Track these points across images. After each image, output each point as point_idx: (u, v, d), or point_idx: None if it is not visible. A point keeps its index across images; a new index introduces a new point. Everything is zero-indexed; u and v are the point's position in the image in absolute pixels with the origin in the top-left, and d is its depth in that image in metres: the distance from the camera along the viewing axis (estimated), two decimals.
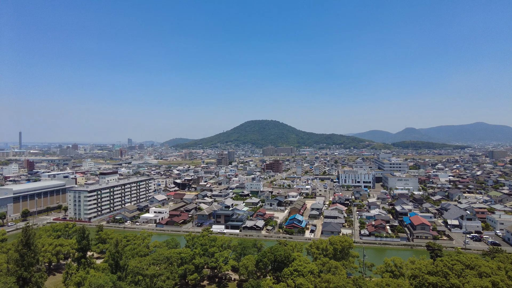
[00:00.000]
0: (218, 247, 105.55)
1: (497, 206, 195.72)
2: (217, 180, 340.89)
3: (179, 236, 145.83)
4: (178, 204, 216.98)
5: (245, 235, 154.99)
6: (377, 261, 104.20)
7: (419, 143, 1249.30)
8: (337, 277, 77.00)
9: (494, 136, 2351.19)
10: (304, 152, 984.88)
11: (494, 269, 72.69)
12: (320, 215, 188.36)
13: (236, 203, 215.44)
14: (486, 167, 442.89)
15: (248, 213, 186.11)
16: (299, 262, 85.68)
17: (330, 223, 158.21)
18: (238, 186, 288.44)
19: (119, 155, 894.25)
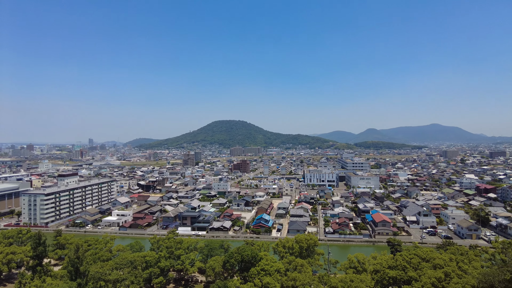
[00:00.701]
0: (184, 249, 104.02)
1: (449, 202, 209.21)
2: (183, 181, 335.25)
3: (143, 239, 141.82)
4: (142, 207, 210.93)
5: (212, 236, 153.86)
6: (341, 258, 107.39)
7: (380, 144, 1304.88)
8: (303, 275, 78.57)
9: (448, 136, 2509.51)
10: (271, 152, 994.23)
11: (447, 261, 77.69)
12: (287, 214, 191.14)
13: (203, 204, 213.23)
14: (441, 166, 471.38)
15: (215, 214, 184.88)
16: (266, 261, 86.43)
17: (296, 221, 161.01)
18: (205, 187, 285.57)
19: (80, 156, 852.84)
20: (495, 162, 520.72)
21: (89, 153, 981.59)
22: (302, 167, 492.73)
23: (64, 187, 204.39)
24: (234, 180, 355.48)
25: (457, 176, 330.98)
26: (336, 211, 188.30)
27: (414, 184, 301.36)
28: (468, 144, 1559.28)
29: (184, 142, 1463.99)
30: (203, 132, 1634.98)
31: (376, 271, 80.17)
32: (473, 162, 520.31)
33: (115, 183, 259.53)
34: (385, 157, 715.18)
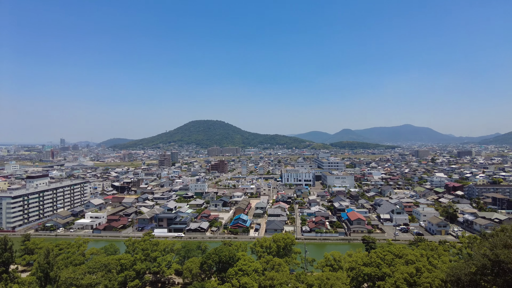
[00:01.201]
0: (161, 251, 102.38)
1: (421, 200, 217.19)
2: (159, 182, 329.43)
3: (118, 242, 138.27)
4: (117, 208, 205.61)
5: (189, 238, 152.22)
6: (318, 256, 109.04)
7: (355, 144, 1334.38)
8: (280, 274, 79.21)
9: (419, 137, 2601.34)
10: (249, 152, 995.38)
11: (418, 256, 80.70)
12: (264, 214, 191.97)
13: (180, 206, 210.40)
14: (413, 165, 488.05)
15: (192, 215, 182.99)
16: (243, 261, 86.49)
17: (274, 221, 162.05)
18: (182, 188, 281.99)
19: (50, 156, 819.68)
20: (462, 161, 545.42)
21: (60, 154, 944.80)
22: (279, 167, 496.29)
23: (34, 189, 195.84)
24: (211, 181, 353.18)
25: (428, 175, 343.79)
26: (312, 210, 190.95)
27: (388, 183, 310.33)
28: (438, 144, 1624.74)
29: (160, 142, 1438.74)
30: (180, 132, 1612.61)
31: (351, 268, 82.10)
32: (442, 162, 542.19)
33: (88, 185, 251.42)
34: (360, 157, 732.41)
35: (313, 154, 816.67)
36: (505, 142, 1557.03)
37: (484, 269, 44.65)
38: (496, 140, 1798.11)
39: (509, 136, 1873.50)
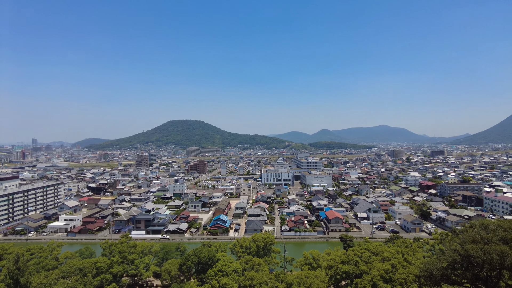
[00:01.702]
0: (138, 253, 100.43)
1: (396, 198, 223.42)
2: (136, 183, 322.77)
3: (94, 245, 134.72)
4: (93, 210, 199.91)
5: (167, 239, 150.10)
6: (297, 255, 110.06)
7: (332, 144, 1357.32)
8: (260, 273, 79.43)
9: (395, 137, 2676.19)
10: (229, 153, 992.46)
11: (394, 254, 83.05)
12: (244, 214, 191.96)
13: (158, 207, 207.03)
14: (388, 164, 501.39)
15: (171, 217, 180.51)
16: (223, 262, 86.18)
17: (253, 221, 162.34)
18: (160, 189, 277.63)
19: (21, 157, 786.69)
20: (435, 160, 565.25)
21: (32, 154, 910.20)
22: (259, 167, 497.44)
23: (2, 192, 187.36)
24: (190, 181, 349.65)
25: (403, 174, 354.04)
26: (291, 209, 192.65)
27: (365, 182, 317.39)
28: (413, 144, 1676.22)
29: (138, 142, 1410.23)
30: (158, 132, 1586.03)
31: (330, 266, 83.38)
32: (417, 161, 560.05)
33: (62, 186, 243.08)
34: (338, 157, 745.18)
35: (293, 154, 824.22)
36: (474, 142, 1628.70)
37: (455, 263, 46.51)
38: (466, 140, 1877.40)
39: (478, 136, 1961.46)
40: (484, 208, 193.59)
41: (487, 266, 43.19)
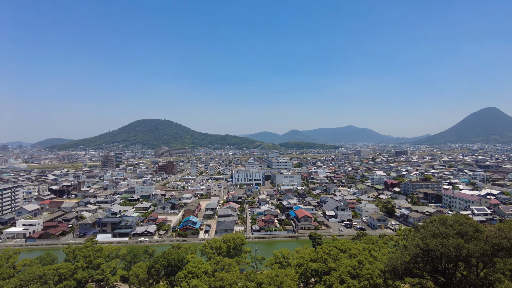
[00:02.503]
0: (105, 257, 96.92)
1: (363, 197, 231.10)
2: (102, 185, 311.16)
3: (56, 250, 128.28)
4: (55, 214, 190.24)
5: (135, 242, 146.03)
6: (267, 254, 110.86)
7: (302, 144, 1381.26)
8: (230, 274, 79.28)
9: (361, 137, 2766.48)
10: (199, 153, 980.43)
11: (360, 250, 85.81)
12: (215, 215, 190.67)
13: (125, 209, 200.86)
14: (355, 164, 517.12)
15: (139, 219, 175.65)
16: (193, 263, 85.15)
17: (224, 221, 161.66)
18: (127, 191, 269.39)
19: None
20: (399, 160, 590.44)
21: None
22: (230, 167, 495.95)
23: None
24: (159, 183, 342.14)
25: (369, 173, 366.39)
26: (262, 209, 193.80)
27: (332, 181, 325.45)
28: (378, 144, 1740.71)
29: (103, 142, 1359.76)
30: (125, 131, 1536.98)
31: (299, 264, 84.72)
32: (382, 160, 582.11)
33: (20, 189, 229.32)
34: (307, 156, 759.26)
35: (263, 154, 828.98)
36: (435, 143, 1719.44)
37: (417, 257, 48.89)
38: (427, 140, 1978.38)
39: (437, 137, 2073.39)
40: (443, 205, 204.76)
41: (445, 258, 45.79)
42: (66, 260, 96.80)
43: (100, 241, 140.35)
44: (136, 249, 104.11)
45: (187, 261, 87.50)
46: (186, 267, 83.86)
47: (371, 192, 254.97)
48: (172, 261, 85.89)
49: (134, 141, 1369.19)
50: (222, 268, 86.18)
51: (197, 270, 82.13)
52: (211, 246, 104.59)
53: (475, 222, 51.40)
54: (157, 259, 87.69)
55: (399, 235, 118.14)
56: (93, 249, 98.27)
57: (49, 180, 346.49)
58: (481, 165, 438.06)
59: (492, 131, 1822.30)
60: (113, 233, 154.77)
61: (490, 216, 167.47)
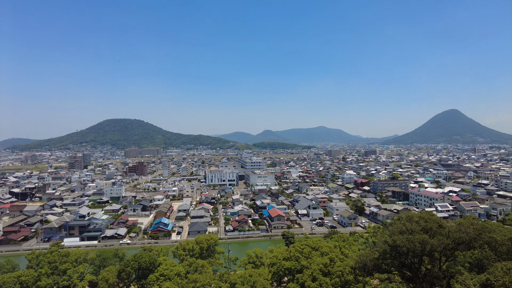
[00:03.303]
0: (72, 262, 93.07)
1: (334, 195, 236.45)
2: (69, 187, 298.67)
3: (18, 257, 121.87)
4: (16, 218, 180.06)
5: (105, 246, 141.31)
6: (241, 254, 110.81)
7: (275, 144, 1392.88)
8: (203, 275, 78.62)
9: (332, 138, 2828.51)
10: (171, 153, 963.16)
11: (332, 248, 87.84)
12: (187, 216, 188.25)
13: (94, 212, 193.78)
14: (326, 163, 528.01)
15: (108, 221, 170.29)
16: (165, 266, 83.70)
17: (197, 223, 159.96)
18: (96, 193, 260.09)
19: None
20: (368, 159, 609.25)
21: None
22: (203, 167, 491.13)
23: None
24: (129, 184, 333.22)
25: (340, 172, 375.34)
26: (236, 209, 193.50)
27: (305, 180, 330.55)
28: (348, 144, 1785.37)
29: (70, 142, 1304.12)
30: (93, 131, 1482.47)
31: (272, 263, 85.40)
32: (352, 160, 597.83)
33: None
34: (280, 156, 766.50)
35: (237, 154, 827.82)
36: (402, 143, 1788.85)
37: (385, 254, 50.74)
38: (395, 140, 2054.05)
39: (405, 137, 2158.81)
40: (410, 202, 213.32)
41: (411, 253, 47.83)
42: (28, 267, 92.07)
43: (67, 245, 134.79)
44: (106, 253, 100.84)
45: (159, 263, 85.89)
46: (158, 270, 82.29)
47: (341, 191, 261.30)
48: (144, 264, 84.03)
49: (103, 141, 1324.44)
50: (195, 270, 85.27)
51: (169, 273, 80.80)
52: (184, 248, 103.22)
53: (438, 218, 54.06)
54: (127, 262, 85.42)
55: (369, 232, 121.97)
56: (59, 254, 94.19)
57: (10, 182, 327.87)
58: (444, 164, 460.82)
59: (454, 132, 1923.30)
60: (81, 237, 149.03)
61: (452, 212, 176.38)
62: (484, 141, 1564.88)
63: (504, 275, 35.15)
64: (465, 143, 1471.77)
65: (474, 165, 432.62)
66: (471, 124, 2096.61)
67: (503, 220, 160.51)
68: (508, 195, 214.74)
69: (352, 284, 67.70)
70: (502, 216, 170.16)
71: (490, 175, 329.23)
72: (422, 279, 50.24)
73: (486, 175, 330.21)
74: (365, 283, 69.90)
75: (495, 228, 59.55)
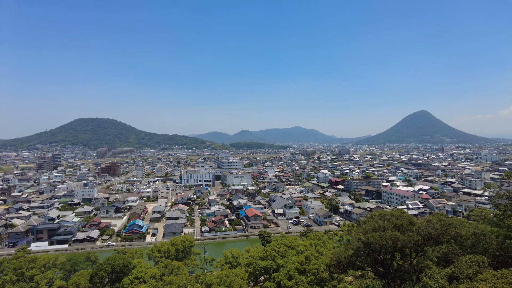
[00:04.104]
0: (40, 268, 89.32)
1: (309, 194, 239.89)
2: (37, 189, 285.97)
3: None
4: None
5: (76, 249, 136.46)
6: (217, 255, 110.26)
7: (252, 144, 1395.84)
8: (179, 277, 77.70)
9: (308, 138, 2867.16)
10: (145, 154, 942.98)
11: (307, 246, 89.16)
12: (162, 218, 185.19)
13: (64, 214, 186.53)
14: (302, 163, 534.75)
15: (80, 224, 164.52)
16: (140, 268, 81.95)
17: (172, 224, 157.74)
18: (66, 195, 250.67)
19: None
20: (342, 159, 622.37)
21: None
22: (179, 168, 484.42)
23: None
24: (102, 185, 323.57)
25: (315, 172, 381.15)
26: (212, 209, 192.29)
27: (281, 180, 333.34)
28: (323, 144, 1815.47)
29: (39, 142, 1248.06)
30: (64, 131, 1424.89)
31: (249, 263, 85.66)
32: (327, 160, 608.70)
33: None
34: (257, 156, 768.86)
35: (214, 155, 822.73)
36: (375, 143, 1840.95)
37: (359, 251, 52.07)
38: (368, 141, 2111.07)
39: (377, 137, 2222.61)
40: (382, 200, 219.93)
41: (384, 250, 49.40)
42: None
43: (35, 250, 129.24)
44: (77, 257, 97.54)
45: (133, 266, 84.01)
46: (132, 273, 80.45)
47: (317, 189, 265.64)
48: (117, 267, 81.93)
49: (74, 141, 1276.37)
50: (170, 272, 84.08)
51: (144, 275, 79.20)
52: (159, 250, 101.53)
53: (409, 216, 56.12)
54: (100, 266, 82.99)
55: (343, 230, 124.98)
56: (25, 260, 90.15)
57: None
58: (415, 163, 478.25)
59: (424, 132, 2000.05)
60: (50, 241, 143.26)
61: (422, 210, 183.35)
62: (451, 141, 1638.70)
63: (468, 267, 37.11)
64: (434, 143, 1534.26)
65: (442, 164, 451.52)
66: (440, 125, 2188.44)
67: (467, 216, 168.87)
68: (472, 193, 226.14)
69: (327, 282, 69.09)
70: (467, 212, 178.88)
71: (456, 174, 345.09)
72: (394, 275, 52.04)
73: (453, 174, 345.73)
74: (340, 280, 71.56)
75: (461, 223, 62.59)
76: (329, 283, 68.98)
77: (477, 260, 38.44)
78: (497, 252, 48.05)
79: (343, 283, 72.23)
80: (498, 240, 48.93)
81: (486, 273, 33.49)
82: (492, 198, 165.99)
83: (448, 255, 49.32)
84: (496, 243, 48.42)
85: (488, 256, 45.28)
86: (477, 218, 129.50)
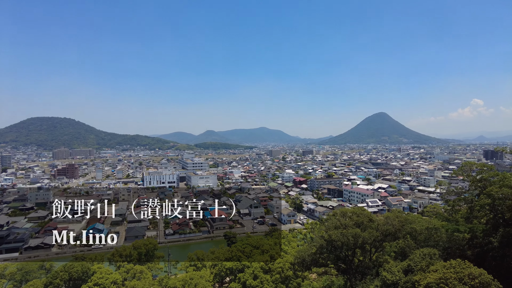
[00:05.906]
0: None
1: (274, 194, 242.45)
2: None
3: None
4: None
5: (28, 258, 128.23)
6: (182, 258, 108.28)
7: (218, 144, 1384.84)
8: (142, 281, 75.56)
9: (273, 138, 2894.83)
10: (105, 155, 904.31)
11: (272, 245, 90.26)
12: (124, 221, 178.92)
13: (15, 220, 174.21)
14: (267, 163, 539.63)
15: (33, 230, 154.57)
16: (100, 274, 78.50)
17: (134, 227, 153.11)
18: (17, 199, 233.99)
19: None
20: (306, 159, 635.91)
21: None
22: (141, 169, 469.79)
23: None
24: (58, 188, 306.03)
25: (280, 172, 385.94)
26: None
27: (247, 180, 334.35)
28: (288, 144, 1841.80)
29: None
30: (15, 130, 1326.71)
31: (214, 265, 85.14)
32: (291, 159, 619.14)
33: None
34: (222, 157, 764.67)
35: (178, 155, 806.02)
36: (336, 143, 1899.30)
37: (322, 248, 53.62)
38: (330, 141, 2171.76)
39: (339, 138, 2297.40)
40: (344, 199, 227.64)
41: (345, 247, 51.28)
42: None
43: None
44: (29, 265, 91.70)
45: (93, 272, 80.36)
46: (91, 279, 76.90)
47: (281, 189, 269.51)
48: (75, 273, 78.09)
49: (27, 142, 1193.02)
50: (133, 276, 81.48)
51: (105, 281, 76.02)
52: (120, 254, 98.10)
53: (369, 213, 58.70)
54: (56, 274, 78.59)
55: (307, 228, 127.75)
56: None
57: None
58: (374, 163, 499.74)
59: (382, 133, 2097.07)
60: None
61: (381, 207, 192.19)
62: (408, 142, 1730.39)
63: (421, 260, 39.65)
64: (392, 143, 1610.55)
65: (399, 163, 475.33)
66: (397, 126, 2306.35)
67: (422, 212, 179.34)
68: (426, 190, 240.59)
69: (291, 280, 70.43)
70: (421, 209, 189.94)
71: (412, 172, 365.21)
72: (355, 270, 54.19)
73: (409, 172, 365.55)
74: (304, 278, 73.20)
75: (415, 219, 66.37)
76: (294, 281, 70.35)
77: (429, 253, 41.14)
78: (446, 244, 51.61)
79: (307, 280, 73.94)
80: (447, 233, 52.55)
81: (436, 264, 35.91)
82: (443, 194, 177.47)
83: (404, 250, 52.20)
84: (445, 236, 52.03)
85: (439, 249, 48.54)
86: (430, 214, 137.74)
